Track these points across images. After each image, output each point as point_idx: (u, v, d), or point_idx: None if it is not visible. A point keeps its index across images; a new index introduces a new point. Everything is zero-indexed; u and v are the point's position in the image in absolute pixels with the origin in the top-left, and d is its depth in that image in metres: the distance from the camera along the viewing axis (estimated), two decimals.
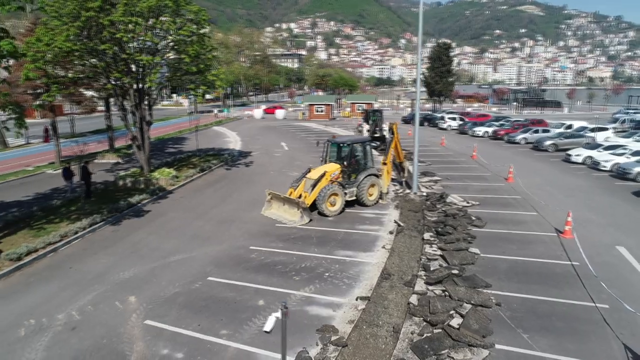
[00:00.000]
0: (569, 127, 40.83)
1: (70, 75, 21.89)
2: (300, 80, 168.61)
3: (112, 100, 28.19)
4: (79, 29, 19.21)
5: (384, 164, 21.01)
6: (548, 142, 34.83)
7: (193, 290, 12.14)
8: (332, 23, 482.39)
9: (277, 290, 12.05)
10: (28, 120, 45.69)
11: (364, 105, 62.81)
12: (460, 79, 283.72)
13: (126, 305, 11.32)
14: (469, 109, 75.89)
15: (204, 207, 20.10)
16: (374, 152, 30.19)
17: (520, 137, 38.75)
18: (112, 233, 16.84)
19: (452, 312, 10.62)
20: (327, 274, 13.13)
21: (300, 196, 18.38)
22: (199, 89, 23.46)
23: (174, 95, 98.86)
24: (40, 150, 35.57)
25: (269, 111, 70.18)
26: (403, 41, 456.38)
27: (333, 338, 9.79)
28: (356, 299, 11.58)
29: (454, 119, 50.58)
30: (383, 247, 15.23)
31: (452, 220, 17.21)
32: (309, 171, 19.50)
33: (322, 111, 62.64)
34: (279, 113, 65.35)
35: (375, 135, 37.26)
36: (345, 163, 19.37)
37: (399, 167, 23.67)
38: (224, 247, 15.32)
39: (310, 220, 17.81)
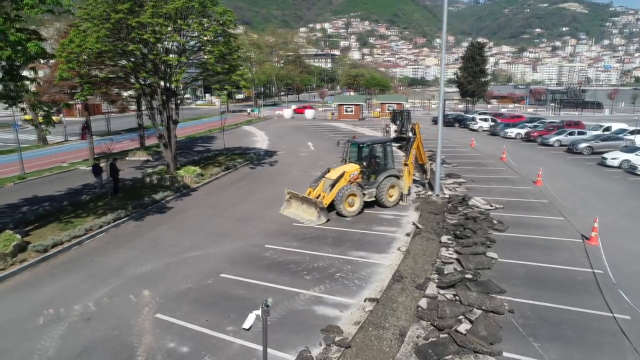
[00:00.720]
0: (607, 129, 39.11)
1: (102, 75, 22.69)
2: (332, 80, 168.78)
3: (143, 99, 28.99)
4: (109, 30, 19.90)
5: (405, 164, 20.75)
6: (583, 145, 33.47)
7: (205, 286, 12.37)
8: (366, 23, 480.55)
9: (286, 289, 12.12)
10: (68, 119, 47.78)
11: (395, 105, 62.15)
12: (496, 79, 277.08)
13: (140, 299, 11.67)
14: (503, 110, 73.91)
15: (225, 205, 20.44)
16: (399, 152, 29.91)
17: (554, 139, 37.42)
18: (134, 228, 17.38)
19: (460, 317, 10.38)
20: (338, 275, 13.10)
21: (318, 196, 18.41)
22: (224, 89, 23.85)
23: (207, 95, 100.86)
24: (77, 148, 37.07)
25: (299, 111, 70.55)
26: (438, 40, 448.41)
27: (337, 338, 9.76)
28: (364, 301, 11.50)
29: (485, 120, 49.39)
30: (398, 249, 15.05)
31: (472, 223, 16.83)
32: (329, 171, 19.50)
33: (351, 111, 62.46)
34: (309, 113, 65.61)
35: (403, 135, 36.93)
36: (364, 163, 19.26)
37: (422, 168, 23.36)
38: (239, 244, 15.53)
39: (328, 220, 17.81)
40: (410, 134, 30.48)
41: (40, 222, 17.22)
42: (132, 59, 22.24)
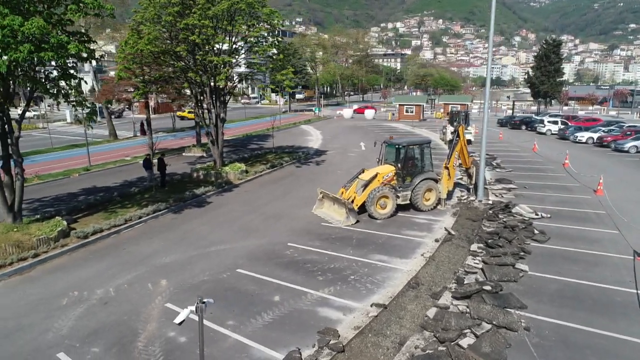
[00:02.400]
0: None
1: (156, 75, 24.05)
2: (399, 80, 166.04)
3: (193, 98, 30.35)
4: (160, 32, 21.04)
5: (446, 167, 19.88)
6: None
7: (219, 280, 12.70)
8: (440, 21, 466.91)
9: (296, 288, 12.11)
10: (137, 116, 50.87)
11: (459, 106, 59.85)
12: (581, 79, 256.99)
13: (156, 288, 12.23)
14: (581, 112, 68.52)
15: (261, 202, 20.84)
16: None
17: (629, 145, 34.01)
18: (171, 220, 18.24)
19: (467, 330, 9.77)
20: (352, 277, 12.87)
21: (350, 197, 18.19)
22: (268, 88, 24.32)
23: (273, 94, 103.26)
24: (142, 143, 39.50)
25: (359, 111, 70.14)
26: (517, 38, 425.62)
27: (332, 342, 9.58)
28: (371, 306, 11.19)
29: (555, 122, 45.99)
30: (422, 255, 14.48)
31: (509, 232, 15.77)
32: (363, 172, 19.23)
33: (411, 112, 61.03)
34: (368, 113, 65.03)
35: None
36: (399, 165, 18.73)
37: (467, 172, 22.32)
38: (264, 241, 15.76)
39: (357, 221, 17.55)
40: (470, 137, 29.20)
41: (90, 211, 18.63)
42: (184, 60, 23.32)
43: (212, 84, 24.11)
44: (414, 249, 14.97)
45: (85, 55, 14.95)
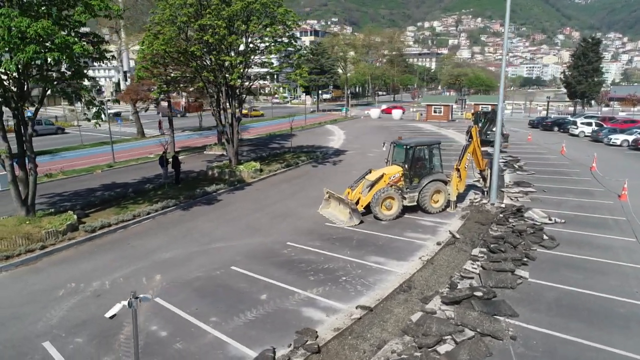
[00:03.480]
0: None
1: (173, 75, 24.63)
2: (433, 80, 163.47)
3: (209, 97, 30.82)
4: (175, 32, 21.51)
5: (457, 169, 19.38)
6: None
7: (212, 277, 12.86)
8: (478, 20, 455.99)
9: (284, 287, 12.12)
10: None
11: (489, 106, 58.32)
12: (628, 79, 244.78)
13: (150, 282, 12.52)
14: (622, 114, 65.30)
15: (269, 201, 20.96)
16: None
17: None
18: (179, 217, 18.63)
19: (447, 337, 9.49)
20: (344, 278, 12.75)
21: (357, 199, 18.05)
22: (282, 87, 24.44)
23: (303, 94, 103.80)
24: (167, 141, 40.55)
25: (387, 111, 69.58)
26: (561, 37, 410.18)
27: (308, 342, 9.51)
28: (356, 308, 11.04)
29: (588, 124, 43.99)
30: (420, 258, 14.17)
31: (515, 237, 15.20)
32: (370, 172, 19.03)
33: (439, 112, 59.90)
34: (396, 113, 64.36)
35: (485, 139, 34.35)
36: (406, 166, 18.40)
37: (481, 174, 21.70)
38: (264, 240, 15.85)
39: (361, 222, 17.38)
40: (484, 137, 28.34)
41: (103, 206, 19.28)
42: (199, 60, 23.75)
43: (227, 83, 24.43)
44: (413, 252, 14.67)
45: (96, 55, 15.51)
